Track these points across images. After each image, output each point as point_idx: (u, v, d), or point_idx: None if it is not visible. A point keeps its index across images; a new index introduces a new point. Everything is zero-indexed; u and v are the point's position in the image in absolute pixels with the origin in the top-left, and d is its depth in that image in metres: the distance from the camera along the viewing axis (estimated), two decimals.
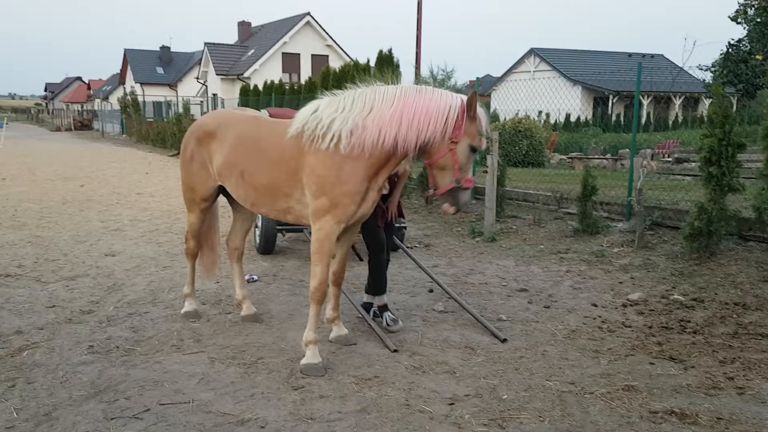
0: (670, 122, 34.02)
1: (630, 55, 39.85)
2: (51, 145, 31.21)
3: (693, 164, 14.43)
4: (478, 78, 11.35)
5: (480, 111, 4.02)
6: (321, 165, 4.10)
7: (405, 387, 4.01)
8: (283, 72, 36.16)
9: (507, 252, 7.88)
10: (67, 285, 6.28)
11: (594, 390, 3.96)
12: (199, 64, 42.26)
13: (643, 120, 31.16)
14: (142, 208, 11.34)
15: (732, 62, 28.26)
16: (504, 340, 4.82)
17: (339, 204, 4.10)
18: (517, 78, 36.90)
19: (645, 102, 32.94)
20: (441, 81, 15.48)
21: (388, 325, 5.07)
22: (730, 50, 28.65)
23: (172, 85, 50.00)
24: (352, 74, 20.40)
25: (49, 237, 8.58)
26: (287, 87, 25.80)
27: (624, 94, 33.63)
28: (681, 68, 10.86)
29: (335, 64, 27.62)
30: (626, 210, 8.63)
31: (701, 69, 27.96)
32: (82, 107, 69.93)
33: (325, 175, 4.09)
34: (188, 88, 46.18)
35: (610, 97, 34.94)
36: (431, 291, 6.20)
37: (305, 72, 35.92)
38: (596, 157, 18.88)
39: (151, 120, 35.01)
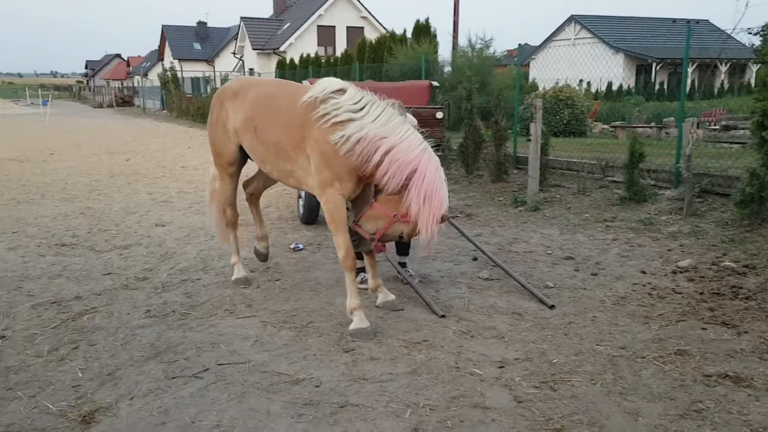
0: (716, 90, 32.93)
1: (674, 20, 38.48)
2: (94, 121, 31.88)
3: (741, 132, 13.99)
4: (520, 45, 11.15)
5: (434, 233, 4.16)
6: (323, 140, 4.27)
7: (454, 350, 4.05)
8: (319, 45, 36.07)
9: (551, 221, 7.81)
10: (121, 253, 6.48)
11: (646, 354, 3.95)
12: (236, 39, 42.41)
13: (689, 87, 30.23)
14: (187, 180, 11.55)
15: None
16: (552, 307, 4.81)
17: (342, 177, 4.28)
18: (557, 46, 36.13)
19: (690, 69, 31.91)
20: (479, 50, 15.14)
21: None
22: None
23: (210, 61, 50.32)
24: (388, 45, 20.24)
25: (100, 209, 8.83)
26: (323, 60, 25.80)
27: (668, 61, 32.60)
28: (729, 35, 10.42)
29: (371, 35, 27.43)
30: (674, 177, 8.45)
31: (750, 33, 26.90)
32: (122, 84, 71.06)
33: (328, 149, 4.25)
34: (225, 63, 46.44)
35: (654, 64, 33.92)
36: (475, 259, 6.21)
37: (341, 44, 35.76)
38: (640, 125, 18.42)
39: (190, 95, 35.41)
